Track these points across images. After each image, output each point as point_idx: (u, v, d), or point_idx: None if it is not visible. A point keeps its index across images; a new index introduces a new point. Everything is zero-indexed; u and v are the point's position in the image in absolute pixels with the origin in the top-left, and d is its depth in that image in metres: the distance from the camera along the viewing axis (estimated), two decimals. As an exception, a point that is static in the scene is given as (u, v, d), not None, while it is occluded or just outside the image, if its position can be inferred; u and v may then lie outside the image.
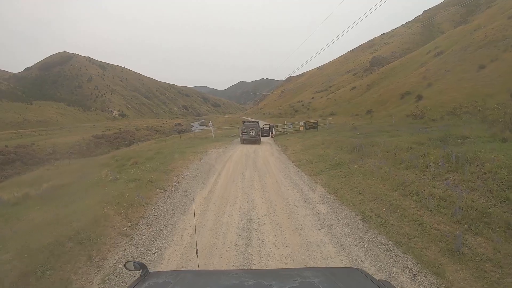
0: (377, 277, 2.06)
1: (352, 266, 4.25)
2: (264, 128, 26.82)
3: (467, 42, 47.16)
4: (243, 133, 22.75)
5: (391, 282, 2.20)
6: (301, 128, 28.66)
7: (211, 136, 27.94)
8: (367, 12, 20.37)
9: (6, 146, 38.31)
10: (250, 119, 45.07)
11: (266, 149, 20.06)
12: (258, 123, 24.66)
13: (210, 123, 29.63)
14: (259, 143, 22.55)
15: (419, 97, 33.90)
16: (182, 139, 30.29)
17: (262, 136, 24.41)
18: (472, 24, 65.09)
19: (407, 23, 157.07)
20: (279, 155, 17.38)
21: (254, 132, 22.50)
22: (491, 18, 55.79)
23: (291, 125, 30.94)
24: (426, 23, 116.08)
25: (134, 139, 53.46)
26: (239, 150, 18.98)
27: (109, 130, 67.97)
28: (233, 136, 28.28)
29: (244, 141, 22.65)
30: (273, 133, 27.94)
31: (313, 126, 28.37)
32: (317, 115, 52.42)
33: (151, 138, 51.40)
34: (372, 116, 35.16)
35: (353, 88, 71.16)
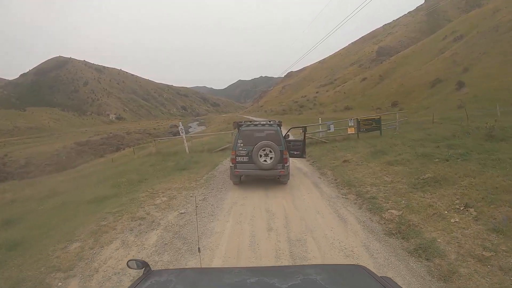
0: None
1: (355, 263, 3.65)
2: (291, 140, 10.77)
3: (492, 23, 43.43)
4: (240, 156, 8.76)
5: (393, 279, 1.97)
6: (351, 130, 16.40)
7: (188, 148, 16.17)
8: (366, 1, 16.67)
9: (-31, 160, 32.91)
10: (255, 119, 30.01)
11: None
12: (278, 126, 9.31)
13: (181, 126, 17.10)
14: (285, 182, 9.01)
15: (461, 84, 28.46)
16: (136, 157, 18.89)
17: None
18: (487, 7, 61.68)
19: (409, 12, 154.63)
20: None
21: (271, 155, 8.49)
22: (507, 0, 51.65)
23: (331, 126, 17.02)
24: (430, 10, 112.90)
25: (122, 144, 48.20)
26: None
27: (98, 135, 62.62)
28: (224, 148, 16.10)
29: (242, 178, 9.25)
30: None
31: (372, 127, 16.42)
32: (330, 110, 47.69)
33: (141, 142, 45.90)
34: (402, 109, 29.63)
35: (364, 79, 66.38)
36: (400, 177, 7.87)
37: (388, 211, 5.98)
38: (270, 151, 8.46)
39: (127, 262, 2.25)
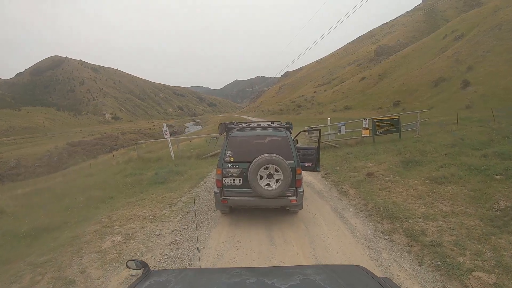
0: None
1: (354, 264, 3.07)
2: (301, 148, 7.60)
3: (494, 22, 42.89)
4: (230, 177, 5.70)
5: (391, 279, 1.99)
6: (365, 133, 14.38)
7: (173, 153, 14.39)
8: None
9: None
10: (253, 119, 28.70)
11: None
12: (287, 130, 6.06)
13: (165, 128, 14.81)
14: (295, 212, 6.42)
15: (466, 83, 27.72)
16: (115, 163, 16.54)
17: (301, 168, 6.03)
18: (487, 6, 60.93)
19: (407, 12, 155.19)
20: None
21: (278, 176, 5.50)
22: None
23: (343, 128, 14.82)
24: (428, 9, 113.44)
25: (116, 145, 47.10)
26: None
27: (92, 135, 61.39)
28: (215, 154, 14.05)
29: (232, 209, 6.43)
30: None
31: (390, 128, 14.32)
32: (329, 109, 46.83)
33: (135, 143, 44.96)
34: (404, 109, 28.76)
35: (363, 78, 65.68)
36: (462, 205, 5.54)
37: (472, 274, 3.61)
38: (277, 170, 5.47)
39: (126, 262, 2.17)
